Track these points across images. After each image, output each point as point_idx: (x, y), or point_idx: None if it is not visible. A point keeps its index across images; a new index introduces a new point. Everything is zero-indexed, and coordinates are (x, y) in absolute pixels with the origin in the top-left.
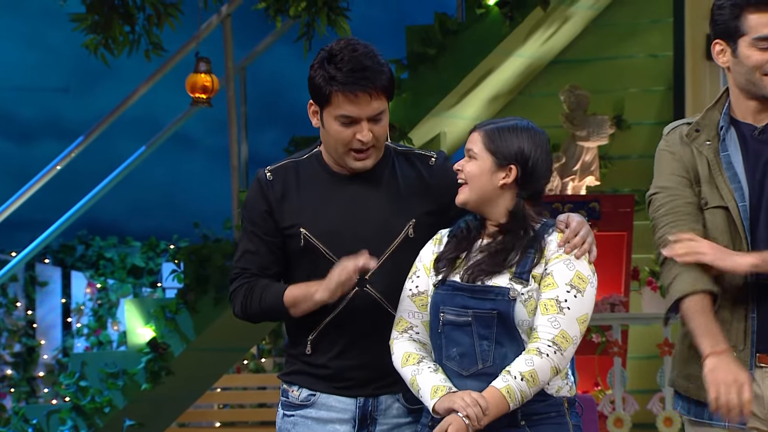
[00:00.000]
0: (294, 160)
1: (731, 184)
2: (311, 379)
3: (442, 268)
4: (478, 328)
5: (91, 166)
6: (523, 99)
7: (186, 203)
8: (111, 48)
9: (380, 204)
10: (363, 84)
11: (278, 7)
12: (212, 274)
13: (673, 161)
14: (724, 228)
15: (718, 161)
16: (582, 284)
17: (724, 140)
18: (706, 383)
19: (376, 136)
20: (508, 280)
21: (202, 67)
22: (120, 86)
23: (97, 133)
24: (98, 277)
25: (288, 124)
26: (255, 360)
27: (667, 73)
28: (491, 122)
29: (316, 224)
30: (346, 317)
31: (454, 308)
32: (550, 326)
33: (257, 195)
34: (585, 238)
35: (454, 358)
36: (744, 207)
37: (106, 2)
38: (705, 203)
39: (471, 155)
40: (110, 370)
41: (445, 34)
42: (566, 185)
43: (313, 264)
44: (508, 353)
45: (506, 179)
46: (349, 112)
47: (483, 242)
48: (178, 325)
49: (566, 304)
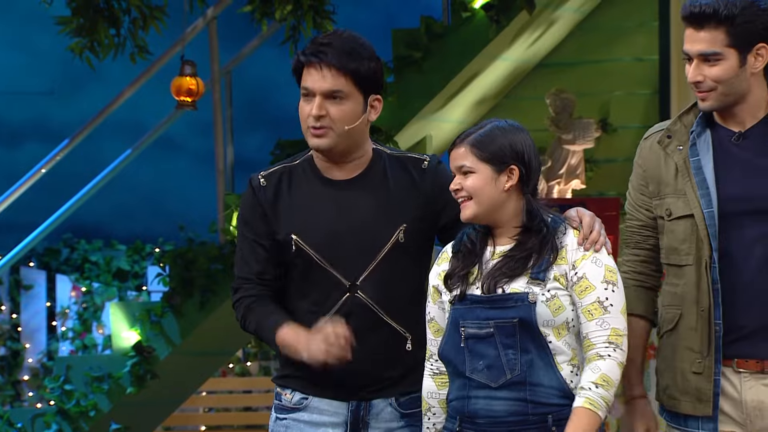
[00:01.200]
0: (286, 166)
1: (699, 190)
2: (304, 382)
3: (455, 285)
4: (501, 338)
5: (76, 169)
6: (509, 102)
7: (171, 206)
8: (96, 51)
9: (370, 209)
10: (319, 56)
11: (264, 11)
12: (198, 277)
13: (638, 175)
14: (687, 236)
15: (687, 166)
16: (613, 276)
17: (694, 145)
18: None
19: (332, 117)
20: (526, 284)
21: (188, 70)
22: (105, 89)
23: (82, 136)
24: (83, 281)
25: (274, 128)
26: (241, 363)
27: (652, 76)
28: (468, 134)
29: (306, 231)
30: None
31: (475, 321)
32: (600, 329)
33: (251, 200)
34: (600, 231)
35: (482, 370)
36: (710, 213)
37: (92, 5)
38: (669, 214)
39: (465, 170)
40: (95, 374)
41: (431, 37)
42: (552, 189)
43: (306, 269)
44: (534, 359)
45: (510, 181)
46: (305, 83)
47: (495, 249)
48: (163, 329)
49: (608, 302)
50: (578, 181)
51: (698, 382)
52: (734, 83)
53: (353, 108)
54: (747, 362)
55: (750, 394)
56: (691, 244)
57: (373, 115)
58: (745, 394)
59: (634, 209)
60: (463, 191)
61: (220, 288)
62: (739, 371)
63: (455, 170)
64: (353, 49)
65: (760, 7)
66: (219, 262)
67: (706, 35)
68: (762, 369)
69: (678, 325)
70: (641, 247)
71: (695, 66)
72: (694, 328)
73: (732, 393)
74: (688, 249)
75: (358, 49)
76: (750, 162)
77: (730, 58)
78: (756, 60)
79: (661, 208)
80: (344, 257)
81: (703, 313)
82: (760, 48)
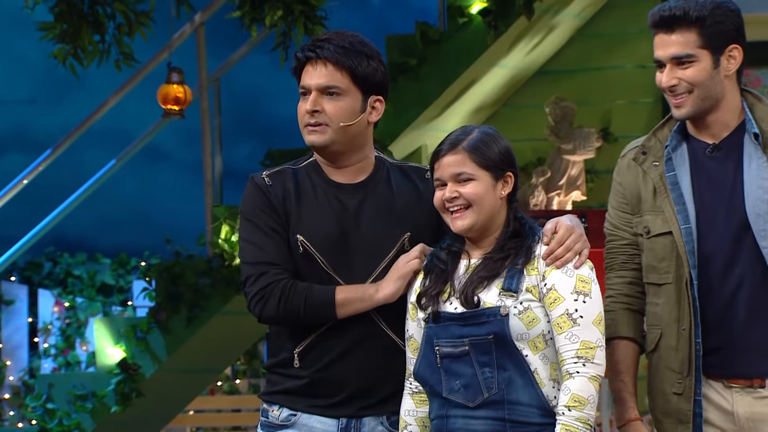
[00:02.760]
0: (290, 167)
1: (675, 206)
2: (293, 397)
3: (428, 304)
4: (477, 356)
5: (59, 180)
6: (507, 111)
7: (158, 218)
8: (80, 58)
9: (376, 215)
10: (317, 51)
11: (253, 16)
12: (185, 292)
13: (617, 194)
14: (666, 254)
15: (663, 183)
16: (586, 287)
17: (670, 159)
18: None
19: (327, 113)
20: (498, 297)
21: (175, 77)
22: (89, 97)
23: (65, 145)
24: (66, 296)
25: (264, 137)
26: (229, 381)
27: (655, 84)
28: (458, 140)
29: (313, 233)
30: (336, 330)
31: (450, 339)
32: (569, 343)
33: (258, 194)
34: (571, 246)
35: (458, 390)
36: (688, 230)
37: (75, 10)
38: (647, 232)
39: (465, 178)
40: (79, 392)
41: (427, 43)
42: (552, 200)
43: (309, 272)
44: (512, 377)
45: (506, 188)
46: (302, 81)
47: (471, 263)
48: (149, 345)
49: (577, 313)
50: (579, 193)
51: (678, 403)
52: (709, 86)
53: (350, 105)
54: (737, 380)
55: (742, 406)
56: (670, 262)
57: (374, 116)
58: (737, 407)
59: (616, 229)
60: (461, 199)
61: (208, 303)
62: (731, 386)
63: (449, 178)
64: (352, 45)
65: (730, 8)
66: (207, 277)
67: (678, 38)
68: (751, 384)
69: (659, 345)
70: (627, 267)
71: (669, 70)
72: (675, 347)
73: (723, 405)
74: (667, 267)
75: (358, 47)
76: None
77: (703, 59)
78: (728, 62)
79: (640, 226)
80: (349, 262)
81: (684, 332)
82: (732, 49)
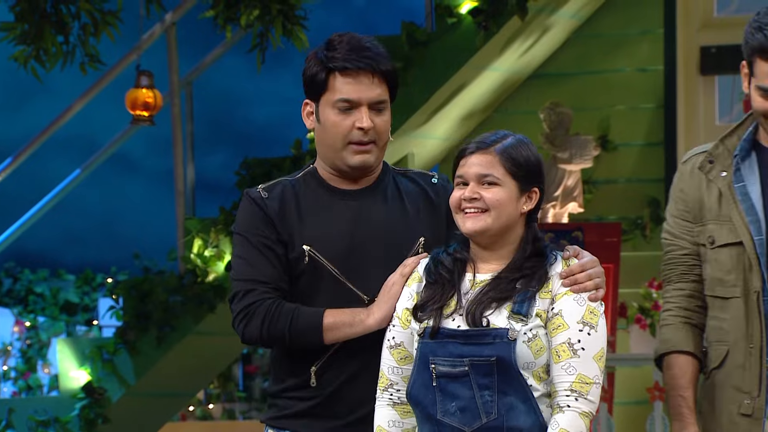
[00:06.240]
0: (286, 179)
1: (747, 217)
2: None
3: (426, 317)
4: (477, 378)
5: (20, 190)
6: (499, 117)
7: (125, 232)
8: (43, 60)
9: (387, 221)
10: (365, 62)
11: (228, 16)
12: (154, 310)
13: (678, 201)
14: (733, 266)
15: (732, 193)
16: (594, 319)
17: (739, 169)
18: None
19: (377, 129)
20: (506, 319)
21: (144, 81)
22: (53, 102)
23: (27, 154)
24: (27, 314)
25: (239, 145)
26: (202, 406)
27: (657, 89)
28: (492, 141)
29: (321, 243)
30: (353, 342)
31: (448, 358)
32: (564, 374)
33: (254, 209)
34: (592, 276)
35: (454, 413)
36: (761, 241)
37: (37, 10)
38: (711, 242)
39: (488, 181)
40: (40, 418)
41: (413, 45)
42: (546, 212)
43: (317, 284)
44: (514, 402)
45: (529, 204)
46: (347, 95)
47: (476, 278)
48: (116, 368)
49: (579, 345)
50: (575, 204)
51: (747, 426)
52: None
53: (389, 117)
54: None
55: None
56: (738, 275)
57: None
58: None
59: (676, 238)
60: (480, 202)
61: (180, 322)
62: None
63: (473, 178)
64: (383, 52)
65: None
66: (178, 294)
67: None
68: None
69: (724, 362)
70: (686, 279)
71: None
72: (743, 366)
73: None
74: (734, 280)
75: (383, 51)
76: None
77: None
78: None
79: (703, 235)
80: (362, 270)
81: (753, 350)
82: None
